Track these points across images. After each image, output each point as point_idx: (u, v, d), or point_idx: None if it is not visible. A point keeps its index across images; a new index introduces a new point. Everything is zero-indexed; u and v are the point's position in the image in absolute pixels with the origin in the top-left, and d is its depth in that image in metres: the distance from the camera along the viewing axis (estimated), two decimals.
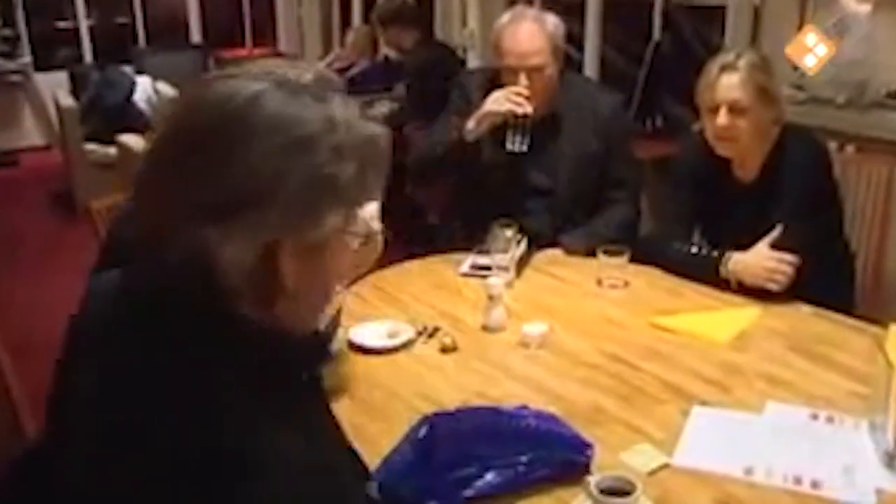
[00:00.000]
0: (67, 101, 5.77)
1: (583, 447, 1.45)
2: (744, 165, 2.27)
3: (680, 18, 4.60)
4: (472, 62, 5.11)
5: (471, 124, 2.51)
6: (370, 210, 1.66)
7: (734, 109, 2.14)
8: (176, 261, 0.85)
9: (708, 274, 2.19)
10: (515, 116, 2.45)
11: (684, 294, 2.21)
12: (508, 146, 2.47)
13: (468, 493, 1.36)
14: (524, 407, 1.56)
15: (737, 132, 2.16)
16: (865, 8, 3.08)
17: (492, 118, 2.49)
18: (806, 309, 2.08)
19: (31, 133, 7.30)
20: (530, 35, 2.51)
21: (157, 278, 0.88)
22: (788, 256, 2.07)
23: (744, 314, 2.05)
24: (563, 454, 1.43)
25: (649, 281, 2.29)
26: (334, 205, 0.87)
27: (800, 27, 3.15)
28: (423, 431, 1.40)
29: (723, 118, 2.15)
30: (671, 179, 2.45)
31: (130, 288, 0.92)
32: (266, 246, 0.85)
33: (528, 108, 2.43)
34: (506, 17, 2.57)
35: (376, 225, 1.65)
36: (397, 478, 1.35)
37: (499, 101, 2.46)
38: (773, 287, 2.08)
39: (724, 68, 2.15)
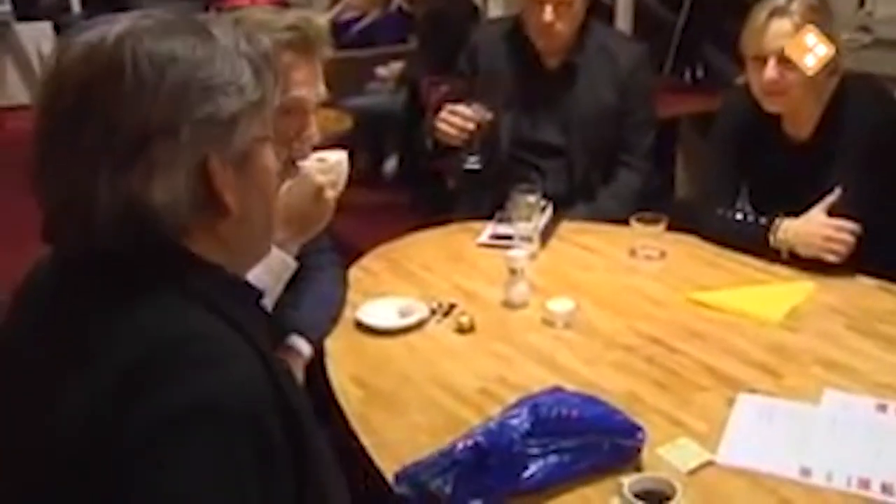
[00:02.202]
0: None
1: (633, 430, 1.37)
2: (796, 122, 2.13)
3: None
4: (494, 12, 4.94)
5: (429, 143, 2.42)
6: (315, 163, 1.60)
7: (784, 60, 2.00)
8: (108, 221, 0.87)
9: (756, 243, 2.07)
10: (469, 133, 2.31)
11: (727, 266, 2.09)
12: (465, 165, 2.35)
13: (513, 487, 1.30)
14: (558, 389, 1.46)
15: (787, 86, 2.02)
16: None
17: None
18: (868, 282, 1.95)
19: (13, 91, 7.06)
20: None
21: (93, 245, 0.89)
22: (848, 224, 1.94)
23: (796, 289, 1.93)
24: (612, 439, 1.35)
25: (688, 251, 2.18)
26: (245, 110, 0.92)
27: None
28: (470, 441, 1.32)
29: (771, 70, 2.01)
30: (713, 138, 2.32)
31: (67, 259, 0.95)
32: (196, 167, 0.89)
33: (469, 126, 2.29)
34: None
35: (322, 178, 1.57)
36: (429, 474, 1.29)
37: (441, 129, 2.32)
38: (831, 258, 1.95)
39: (774, 12, 2.00)
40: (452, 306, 1.93)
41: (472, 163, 2.33)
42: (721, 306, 1.87)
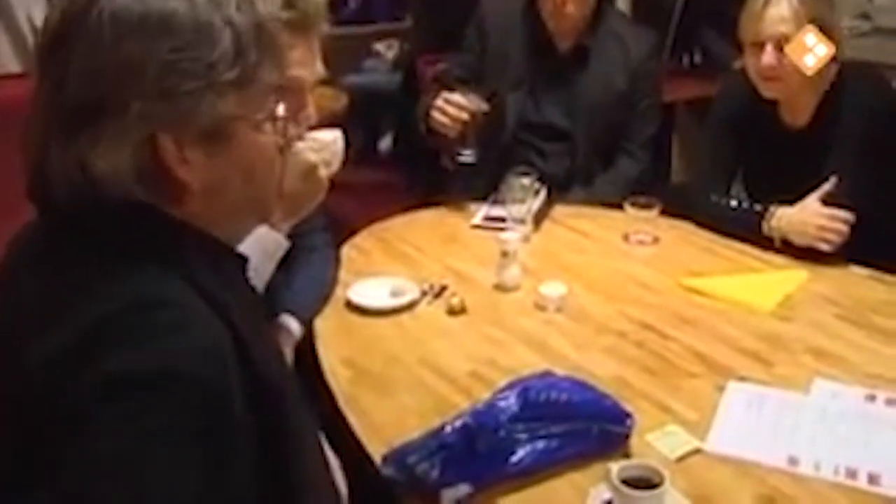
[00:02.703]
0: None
1: (622, 417, 1.37)
2: (793, 109, 2.12)
3: None
4: None
5: (422, 127, 2.36)
6: (310, 142, 1.57)
7: (782, 46, 1.99)
8: (62, 183, 0.87)
9: (749, 230, 2.07)
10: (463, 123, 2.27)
11: (720, 253, 2.09)
12: (460, 158, 2.31)
13: (500, 471, 1.30)
14: (548, 373, 1.46)
15: (784, 72, 2.01)
16: None
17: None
18: (860, 272, 1.96)
19: (4, 60, 6.90)
20: None
21: (58, 206, 0.90)
22: (842, 213, 1.94)
23: (789, 277, 1.92)
24: (600, 425, 1.35)
25: (681, 237, 2.17)
26: (211, 87, 0.87)
27: None
28: (458, 423, 1.31)
29: (768, 56, 2.00)
30: (709, 123, 2.31)
31: (48, 221, 0.95)
32: (144, 142, 0.86)
33: (463, 116, 2.24)
34: None
35: (314, 157, 1.56)
36: (417, 457, 1.28)
37: (436, 119, 2.27)
38: (824, 247, 1.95)
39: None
40: (444, 288, 1.93)
41: (467, 156, 2.29)
42: (713, 293, 1.87)
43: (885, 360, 1.62)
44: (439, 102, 2.27)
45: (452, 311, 1.83)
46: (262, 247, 1.53)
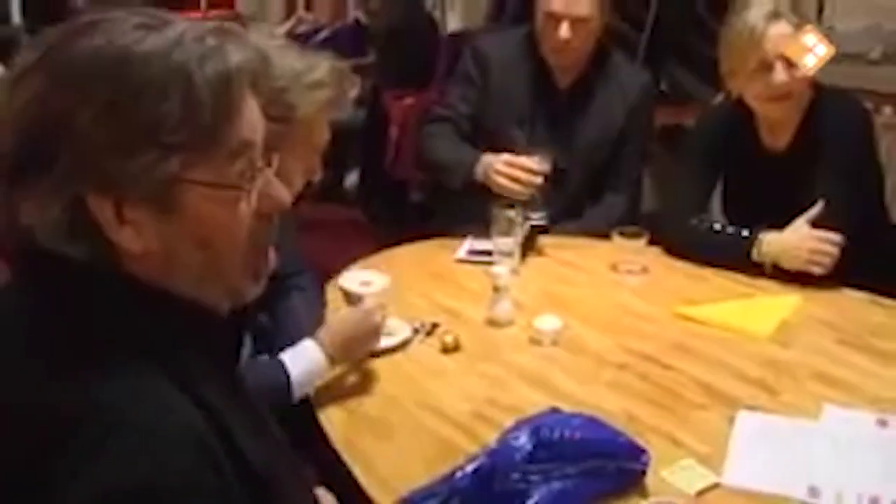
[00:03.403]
0: None
1: (638, 453, 1.32)
2: (774, 131, 2.12)
3: None
4: (452, 25, 4.92)
5: (479, 176, 2.30)
6: (362, 287, 1.72)
7: (791, 62, 1.98)
8: (10, 240, 0.83)
9: (736, 256, 2.05)
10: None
11: (710, 280, 2.07)
12: (530, 221, 2.21)
13: None
14: (556, 410, 1.41)
15: (796, 87, 2.00)
16: None
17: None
18: (854, 295, 1.95)
19: None
20: None
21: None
22: (833, 235, 1.93)
23: (782, 302, 1.91)
24: (617, 463, 1.31)
25: (669, 265, 2.16)
26: (150, 147, 0.79)
27: None
28: (470, 467, 1.26)
29: (781, 73, 1.97)
30: (686, 150, 2.31)
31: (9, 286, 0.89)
32: (73, 201, 0.79)
33: (536, 181, 2.21)
34: None
35: (378, 318, 1.63)
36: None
37: (503, 185, 2.21)
38: (816, 270, 1.94)
39: (771, 17, 1.98)
40: (435, 325, 1.88)
41: (539, 219, 2.22)
42: (709, 321, 1.85)
43: (890, 383, 1.60)
44: (502, 167, 2.21)
45: (446, 349, 1.78)
46: (312, 373, 1.57)
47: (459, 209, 2.46)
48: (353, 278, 1.89)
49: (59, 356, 0.80)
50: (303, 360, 1.55)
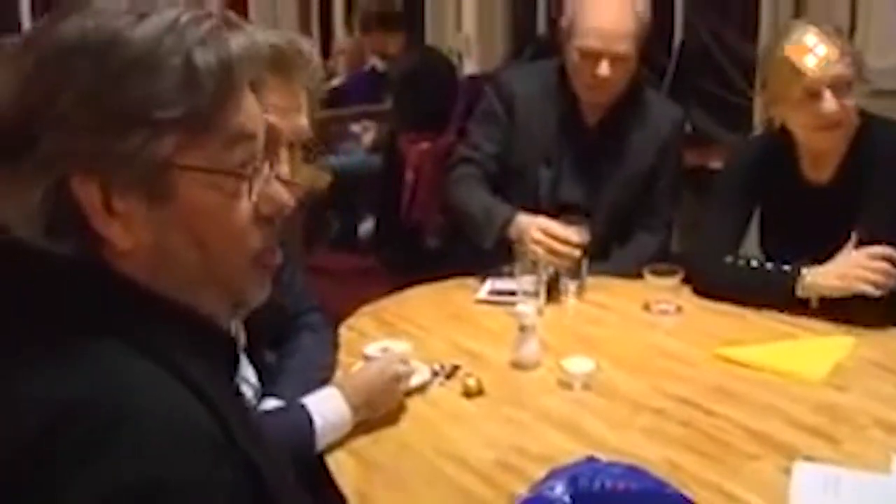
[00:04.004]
0: None
1: None
2: (818, 162, 1.98)
3: (696, 22, 4.36)
4: (469, 69, 4.84)
5: (512, 236, 2.14)
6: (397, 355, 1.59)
7: (838, 88, 1.84)
8: None
9: (779, 293, 1.89)
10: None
11: (751, 320, 1.92)
12: (562, 287, 2.08)
13: None
14: (592, 459, 1.26)
15: (844, 115, 1.86)
16: None
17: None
18: None
19: None
20: (620, 14, 2.18)
21: None
22: (885, 249, 1.79)
23: (835, 344, 1.75)
24: None
25: (705, 305, 2.00)
26: (142, 125, 0.72)
27: (852, 6, 2.91)
28: None
29: (830, 102, 1.83)
30: (720, 186, 2.16)
31: None
32: (56, 186, 0.72)
33: (575, 254, 2.06)
34: None
35: (401, 368, 1.55)
36: None
37: (537, 252, 2.05)
38: (869, 289, 1.78)
39: (815, 44, 1.84)
40: (456, 368, 1.73)
41: (574, 291, 2.07)
42: (753, 363, 1.69)
43: None
44: (539, 235, 2.06)
45: (469, 393, 1.63)
46: (335, 425, 1.45)
47: (477, 256, 2.31)
48: (375, 347, 1.78)
49: (49, 347, 0.72)
50: (327, 408, 1.43)
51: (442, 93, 4.27)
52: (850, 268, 1.82)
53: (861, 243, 1.85)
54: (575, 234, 2.07)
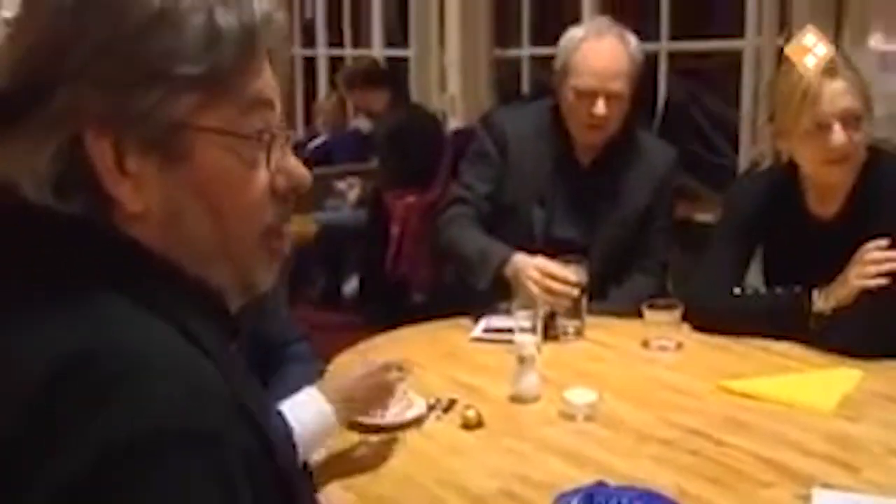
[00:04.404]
0: None
1: None
2: (824, 197, 1.95)
3: (676, 88, 4.41)
4: (453, 124, 4.86)
5: (508, 276, 2.10)
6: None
7: (848, 121, 1.82)
8: None
9: (790, 313, 1.86)
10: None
11: (753, 356, 1.87)
12: (559, 328, 2.04)
13: None
14: (601, 484, 1.19)
15: (853, 149, 1.84)
16: None
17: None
18: None
19: None
20: (614, 53, 2.19)
21: None
22: (876, 242, 1.78)
23: (842, 376, 1.71)
24: None
25: (706, 341, 1.96)
26: (161, 81, 0.68)
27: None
28: None
29: (840, 134, 1.80)
30: (721, 227, 2.13)
31: None
32: (68, 141, 0.67)
33: (574, 293, 2.02)
34: (581, 31, 2.25)
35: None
36: None
37: (534, 293, 2.01)
38: (876, 283, 1.76)
39: (826, 73, 1.82)
40: (453, 401, 1.66)
41: (573, 331, 2.03)
42: (761, 395, 1.64)
43: None
44: (536, 275, 2.02)
45: (468, 425, 1.57)
46: (324, 429, 1.38)
47: (464, 311, 2.25)
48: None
49: (51, 301, 0.67)
50: (306, 413, 1.33)
51: (428, 148, 4.28)
52: (854, 266, 1.81)
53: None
54: (573, 273, 2.03)
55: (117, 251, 0.69)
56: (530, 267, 2.05)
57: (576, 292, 2.03)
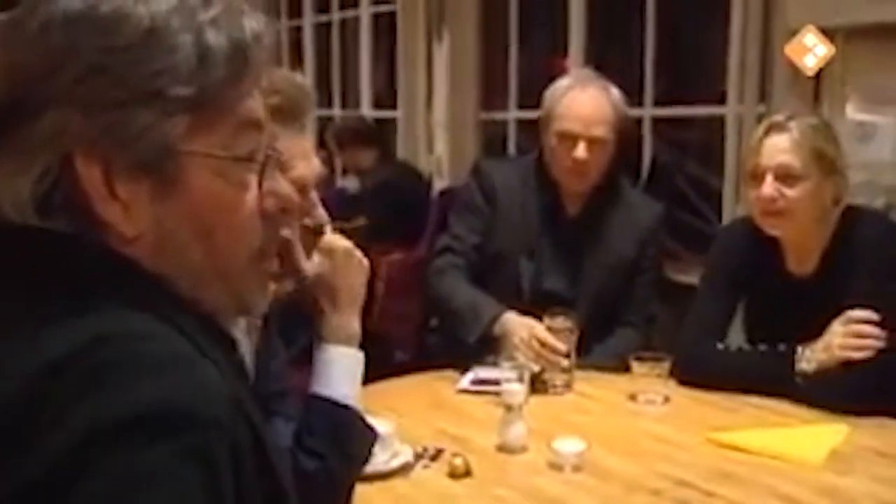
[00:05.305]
0: None
1: None
2: (799, 254, 1.97)
3: (660, 154, 4.47)
4: (439, 184, 4.89)
5: (497, 334, 2.12)
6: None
7: (782, 177, 1.87)
8: None
9: (776, 372, 1.86)
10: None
11: (741, 410, 1.87)
12: (549, 386, 2.03)
13: None
14: None
15: (786, 205, 1.88)
16: (882, 116, 2.95)
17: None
18: None
19: None
20: (597, 102, 2.24)
21: None
22: (861, 313, 1.80)
23: (830, 431, 1.70)
24: None
25: (694, 396, 1.95)
26: (151, 103, 0.67)
27: None
28: None
29: (768, 187, 1.86)
30: (707, 273, 2.15)
31: None
32: (55, 163, 0.67)
33: (563, 363, 2.03)
34: (565, 82, 2.31)
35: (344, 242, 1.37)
36: None
37: (524, 355, 2.03)
38: (853, 354, 1.78)
39: (772, 128, 1.90)
40: (440, 451, 1.64)
41: (561, 384, 2.02)
42: (749, 448, 1.63)
43: None
44: (526, 341, 2.03)
45: (455, 474, 1.55)
46: (351, 374, 1.34)
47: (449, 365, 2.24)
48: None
49: (43, 309, 0.66)
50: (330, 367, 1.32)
51: (415, 205, 4.30)
52: (832, 337, 1.82)
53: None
54: (563, 341, 2.03)
55: (110, 265, 0.68)
56: (522, 330, 2.06)
57: (565, 362, 2.02)
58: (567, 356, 2.03)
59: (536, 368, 2.01)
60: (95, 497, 0.55)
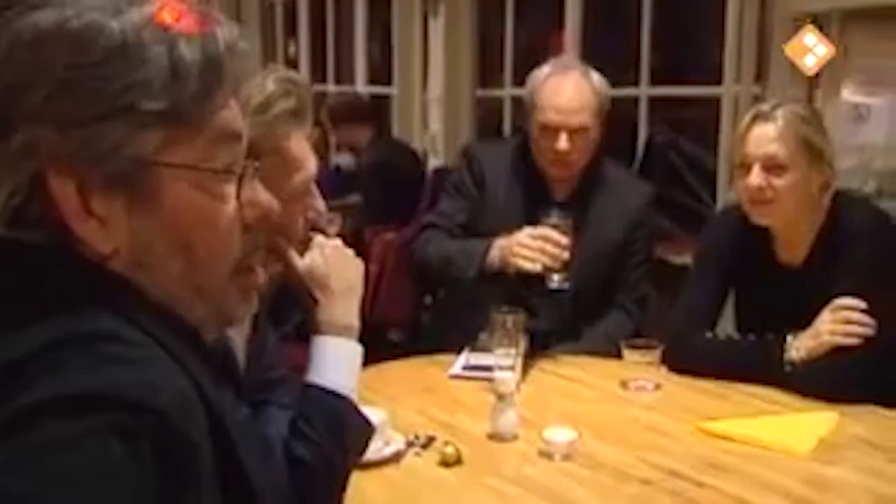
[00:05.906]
0: None
1: None
2: (789, 244, 1.97)
3: (655, 133, 4.45)
4: (433, 162, 4.88)
5: (495, 261, 2.13)
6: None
7: (769, 167, 1.87)
8: None
9: (765, 360, 1.86)
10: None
11: (731, 397, 1.88)
12: (551, 285, 2.08)
13: None
14: None
15: (774, 194, 1.88)
16: (877, 98, 2.94)
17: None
18: (892, 414, 1.75)
19: None
20: (577, 89, 2.22)
21: None
22: (849, 301, 1.80)
23: (819, 419, 1.71)
24: None
25: (684, 382, 1.95)
26: (124, 117, 0.67)
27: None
28: None
29: (755, 177, 1.86)
30: (698, 261, 2.16)
31: None
32: (29, 182, 0.66)
33: (565, 255, 2.05)
34: (546, 69, 2.29)
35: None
36: None
37: (529, 257, 2.04)
38: (848, 341, 1.78)
39: (758, 117, 1.89)
40: (431, 438, 1.65)
41: (560, 281, 2.06)
42: (738, 437, 1.64)
43: None
44: (527, 240, 2.04)
45: (447, 462, 1.55)
46: (349, 365, 1.34)
47: (443, 344, 2.25)
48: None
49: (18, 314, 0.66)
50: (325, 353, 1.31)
51: (409, 183, 4.29)
52: (820, 324, 1.82)
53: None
54: (561, 235, 2.04)
55: (80, 269, 0.68)
56: (519, 234, 2.07)
57: (566, 254, 2.04)
58: (567, 249, 2.04)
59: (538, 267, 2.03)
60: (13, 457, 0.56)
